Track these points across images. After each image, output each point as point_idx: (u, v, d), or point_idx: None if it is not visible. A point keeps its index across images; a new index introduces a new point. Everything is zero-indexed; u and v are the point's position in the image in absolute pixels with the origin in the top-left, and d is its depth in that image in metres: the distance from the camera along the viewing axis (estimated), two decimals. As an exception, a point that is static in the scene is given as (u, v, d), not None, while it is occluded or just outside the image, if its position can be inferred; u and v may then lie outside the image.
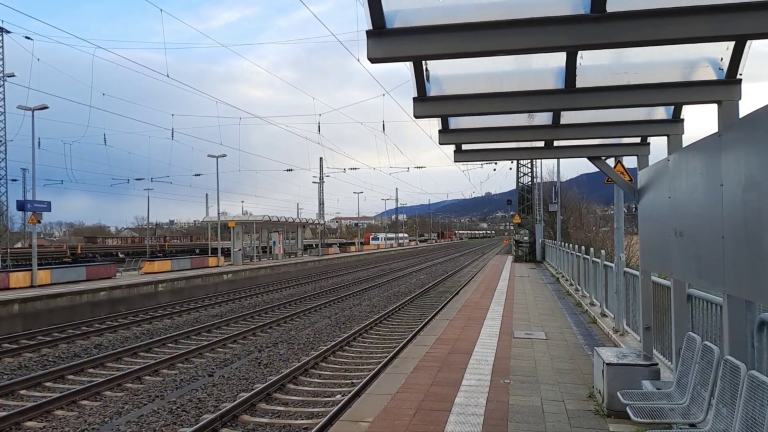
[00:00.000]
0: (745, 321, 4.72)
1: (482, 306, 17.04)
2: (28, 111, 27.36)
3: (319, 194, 73.99)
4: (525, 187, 49.09)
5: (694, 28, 3.97)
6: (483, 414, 6.85)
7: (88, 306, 23.22)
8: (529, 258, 44.11)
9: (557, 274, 28.19)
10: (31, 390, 11.95)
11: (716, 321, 5.93)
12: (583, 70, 5.45)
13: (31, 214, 26.64)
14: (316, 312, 23.05)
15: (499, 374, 8.80)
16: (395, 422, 6.62)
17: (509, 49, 4.35)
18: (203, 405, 10.55)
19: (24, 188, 70.30)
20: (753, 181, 3.86)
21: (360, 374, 12.57)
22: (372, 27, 4.17)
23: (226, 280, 34.79)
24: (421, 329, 16.54)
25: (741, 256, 4.08)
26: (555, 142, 8.36)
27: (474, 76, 5.88)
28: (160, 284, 28.37)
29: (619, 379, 6.60)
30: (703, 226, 4.85)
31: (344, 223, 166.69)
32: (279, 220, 52.24)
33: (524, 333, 12.39)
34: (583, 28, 4.06)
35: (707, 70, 5.41)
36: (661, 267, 6.86)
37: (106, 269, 30.31)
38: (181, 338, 17.54)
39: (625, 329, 11.32)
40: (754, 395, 3.68)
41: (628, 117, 7.05)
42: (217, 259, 41.29)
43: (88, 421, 9.81)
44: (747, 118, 4.07)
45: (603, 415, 6.73)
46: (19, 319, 20.07)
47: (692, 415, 4.80)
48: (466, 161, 9.39)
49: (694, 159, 5.18)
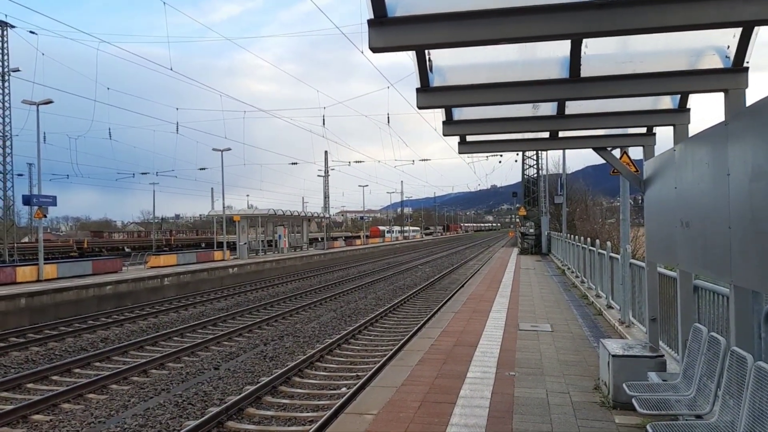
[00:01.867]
0: (751, 312, 4.67)
1: (488, 298, 17.01)
2: (33, 106, 27.44)
3: (324, 188, 73.95)
4: (530, 180, 48.95)
5: (701, 15, 3.90)
6: (488, 406, 6.83)
7: (94, 300, 23.32)
8: (535, 250, 44.02)
9: (563, 267, 28.11)
10: (38, 383, 12.01)
11: (723, 312, 5.89)
12: (588, 59, 5.39)
13: (37, 208, 26.72)
14: (321, 305, 23.08)
15: (504, 366, 8.77)
16: (400, 415, 6.60)
17: (512, 38, 4.30)
18: (209, 398, 10.57)
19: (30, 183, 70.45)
20: (760, 171, 3.80)
21: (365, 367, 12.57)
22: (373, 16, 4.12)
23: (232, 274, 34.86)
24: (426, 322, 16.53)
25: (748, 247, 4.03)
26: (560, 133, 8.30)
27: (477, 66, 5.83)
28: (166, 278, 28.46)
29: (625, 370, 6.57)
30: (710, 216, 4.80)
31: (349, 217, 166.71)
32: (284, 214, 52.28)
33: (530, 325, 12.35)
34: (587, 15, 4.00)
35: (714, 59, 5.34)
36: (667, 258, 6.81)
37: (112, 263, 30.42)
38: (187, 332, 17.59)
39: (631, 321, 11.27)
40: (761, 386, 3.64)
41: (633, 107, 6.98)
42: (222, 252, 41.38)
43: (95, 414, 9.85)
44: (754, 107, 4.01)
45: (609, 407, 6.70)
46: (26, 313, 20.17)
47: (698, 406, 4.76)
48: (471, 153, 9.34)
49: (701, 149, 5.11)
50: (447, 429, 6.08)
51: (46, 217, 28.36)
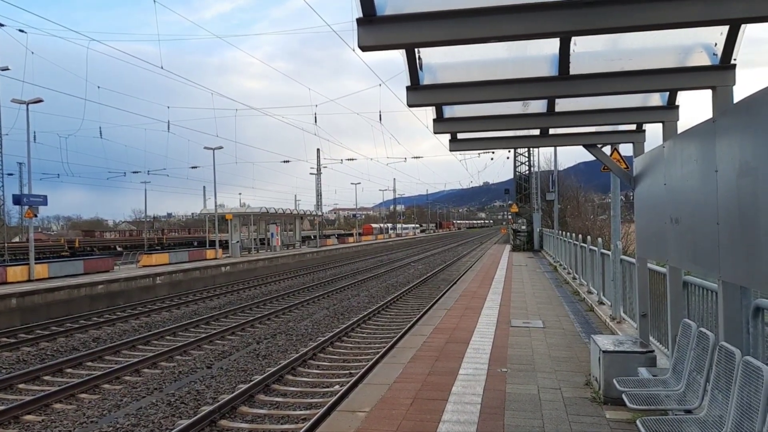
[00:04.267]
0: (740, 307, 4.72)
1: (480, 295, 17.06)
2: (23, 105, 27.23)
3: (316, 185, 73.96)
4: (522, 177, 49.09)
5: (688, 12, 3.93)
6: (480, 402, 6.86)
7: (86, 299, 23.21)
8: (527, 247, 44.17)
9: (555, 263, 28.22)
10: (30, 384, 11.96)
11: (712, 307, 5.94)
12: (578, 56, 5.41)
13: (28, 208, 26.56)
14: (314, 303, 23.07)
15: (496, 363, 8.81)
16: (392, 412, 6.63)
17: (502, 36, 4.31)
18: (202, 397, 10.56)
19: (21, 182, 70.00)
20: (747, 167, 3.84)
21: (358, 365, 12.59)
22: (362, 14, 4.12)
23: (224, 273, 34.78)
24: (419, 319, 16.54)
25: (736, 242, 4.07)
26: (550, 130, 8.33)
27: (468, 64, 5.84)
28: (158, 277, 28.36)
29: (616, 366, 6.61)
30: (698, 212, 4.84)
31: (342, 214, 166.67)
32: (277, 212, 52.19)
33: (522, 322, 12.40)
34: (575, 13, 4.02)
35: (702, 56, 5.38)
36: (657, 254, 6.86)
37: (104, 262, 30.29)
38: (180, 331, 17.54)
39: (622, 317, 11.34)
40: (749, 381, 3.67)
41: (623, 104, 7.02)
42: (215, 251, 41.27)
43: (87, 414, 9.81)
44: (741, 104, 4.04)
45: (599, 403, 6.74)
46: (17, 314, 20.05)
47: (688, 401, 4.80)
48: (462, 150, 9.35)
49: (689, 145, 5.15)
50: (439, 426, 6.11)
51: (36, 216, 28.20)
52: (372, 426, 6.19)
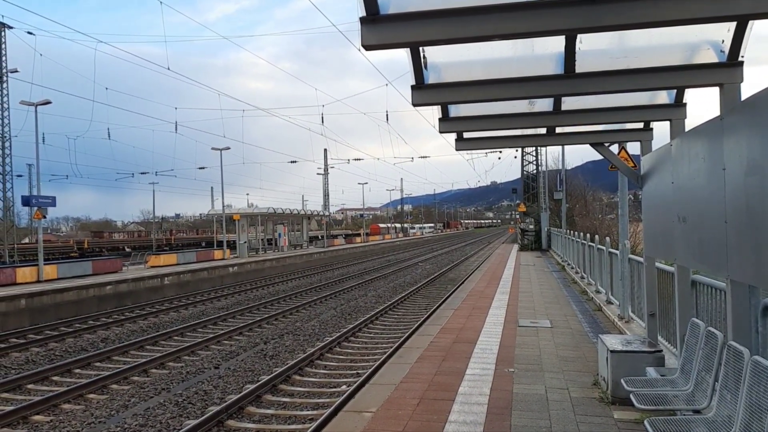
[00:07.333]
0: (748, 306, 4.67)
1: (487, 295, 17.01)
2: (32, 106, 27.43)
3: (323, 186, 73.87)
4: (530, 176, 48.97)
5: (695, 8, 3.89)
6: (487, 403, 6.83)
7: (94, 300, 23.33)
8: (535, 246, 44.04)
9: (563, 262, 28.11)
10: (39, 384, 12.02)
11: (720, 306, 5.89)
12: (583, 54, 5.37)
13: (36, 209, 26.72)
14: (321, 303, 23.09)
15: (503, 363, 8.77)
16: (398, 412, 6.61)
17: (506, 34, 4.29)
18: (209, 397, 10.58)
19: (30, 184, 70.36)
20: (755, 165, 3.80)
21: (365, 365, 12.58)
22: (366, 13, 4.10)
23: (232, 273, 34.87)
24: (426, 319, 16.52)
25: (744, 241, 4.03)
26: (557, 129, 8.29)
27: (473, 63, 5.82)
28: (166, 277, 28.46)
29: (624, 366, 6.57)
30: (706, 211, 4.79)
31: (349, 215, 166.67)
32: (284, 212, 52.27)
33: (529, 321, 12.35)
34: (580, 10, 3.99)
35: (709, 53, 5.33)
36: (665, 253, 6.80)
37: (112, 263, 30.42)
38: (188, 331, 17.60)
39: (630, 316, 11.27)
40: (758, 381, 3.63)
41: (630, 102, 6.97)
42: (222, 251, 41.38)
43: (95, 415, 9.85)
44: (749, 101, 4.00)
45: (607, 403, 6.70)
46: (26, 314, 20.18)
47: (696, 401, 4.76)
48: (468, 149, 9.32)
49: (697, 143, 5.11)
50: (445, 426, 6.09)
51: (45, 217, 28.36)
52: (378, 426, 6.18)
